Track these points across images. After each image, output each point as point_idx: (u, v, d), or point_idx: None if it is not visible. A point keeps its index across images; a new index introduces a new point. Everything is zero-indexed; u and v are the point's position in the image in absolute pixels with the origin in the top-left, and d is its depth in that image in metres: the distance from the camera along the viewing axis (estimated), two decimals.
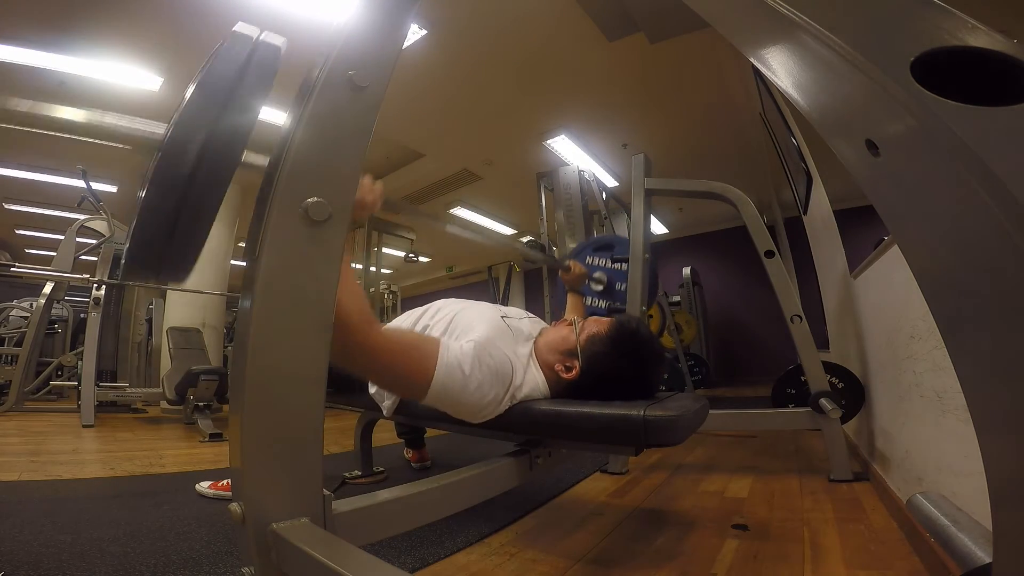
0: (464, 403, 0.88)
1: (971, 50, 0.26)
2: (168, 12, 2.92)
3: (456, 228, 1.16)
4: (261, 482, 0.55)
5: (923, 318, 1.10)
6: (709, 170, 4.30)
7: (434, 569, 1.02)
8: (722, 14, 0.39)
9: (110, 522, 1.23)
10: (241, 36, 0.65)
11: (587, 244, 2.78)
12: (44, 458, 2.07)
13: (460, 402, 0.88)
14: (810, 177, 2.54)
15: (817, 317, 2.98)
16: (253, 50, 0.64)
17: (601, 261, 2.55)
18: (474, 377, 0.86)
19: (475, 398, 0.88)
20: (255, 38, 0.65)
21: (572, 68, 3.70)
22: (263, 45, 0.65)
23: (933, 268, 0.27)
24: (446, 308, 1.16)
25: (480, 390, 0.88)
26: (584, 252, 2.65)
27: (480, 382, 0.87)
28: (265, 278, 0.57)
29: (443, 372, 0.84)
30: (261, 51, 0.65)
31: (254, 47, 0.65)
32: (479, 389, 0.87)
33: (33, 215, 5.82)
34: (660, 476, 1.77)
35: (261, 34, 0.66)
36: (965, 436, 0.88)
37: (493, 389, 0.90)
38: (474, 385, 0.87)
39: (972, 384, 0.26)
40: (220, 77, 0.62)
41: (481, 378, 0.87)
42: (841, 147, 0.31)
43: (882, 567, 0.97)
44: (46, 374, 4.14)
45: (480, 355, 0.89)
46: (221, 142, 0.60)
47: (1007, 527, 0.27)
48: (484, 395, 0.89)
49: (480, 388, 0.88)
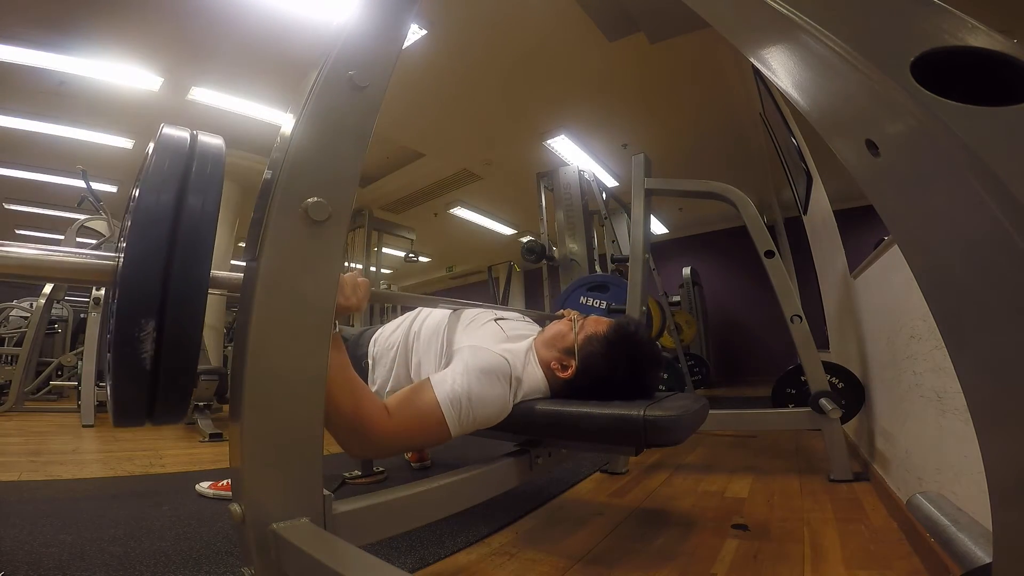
0: (485, 418, 0.90)
1: (971, 50, 0.26)
2: (168, 12, 2.92)
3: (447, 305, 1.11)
4: (261, 482, 0.55)
5: (923, 318, 1.10)
6: (709, 170, 4.30)
7: (434, 569, 1.02)
8: (722, 14, 0.39)
9: (110, 522, 1.23)
10: (174, 139, 0.57)
11: (581, 282, 2.77)
12: (44, 458, 2.07)
13: (481, 421, 0.89)
14: (810, 177, 2.54)
15: (817, 317, 2.99)
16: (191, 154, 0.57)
17: (595, 302, 2.55)
18: (476, 395, 0.87)
19: (490, 408, 0.89)
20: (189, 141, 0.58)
21: (572, 68, 3.70)
22: (202, 147, 0.58)
23: (933, 268, 0.27)
24: (437, 312, 1.16)
25: (490, 399, 0.89)
26: (578, 291, 2.65)
27: (482, 393, 0.88)
28: (265, 278, 0.57)
29: (454, 418, 0.85)
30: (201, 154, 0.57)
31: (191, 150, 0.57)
32: (489, 399, 0.89)
33: (33, 215, 5.82)
34: (660, 476, 1.77)
35: (196, 136, 0.59)
36: (965, 436, 0.88)
37: (499, 390, 0.91)
38: (480, 401, 0.87)
39: (972, 384, 0.26)
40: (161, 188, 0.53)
41: (482, 389, 0.88)
42: (841, 147, 0.31)
43: (882, 567, 0.97)
44: (46, 374, 4.14)
45: (471, 370, 0.89)
46: (183, 262, 0.52)
47: (1007, 527, 0.27)
48: (495, 400, 0.90)
49: (488, 398, 0.89)
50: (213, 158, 0.59)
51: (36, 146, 4.26)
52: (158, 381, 0.54)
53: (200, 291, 0.55)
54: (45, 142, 4.20)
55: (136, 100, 3.65)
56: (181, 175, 0.55)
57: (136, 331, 0.51)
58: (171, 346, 0.53)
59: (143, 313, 0.51)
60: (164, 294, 0.52)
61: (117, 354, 0.52)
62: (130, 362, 0.51)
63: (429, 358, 1.07)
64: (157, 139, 0.58)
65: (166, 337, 0.52)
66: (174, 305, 0.52)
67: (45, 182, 4.91)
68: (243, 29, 3.04)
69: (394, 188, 5.79)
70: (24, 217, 5.92)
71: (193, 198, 0.55)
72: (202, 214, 0.55)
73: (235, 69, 3.47)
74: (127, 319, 0.51)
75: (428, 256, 8.66)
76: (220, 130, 0.65)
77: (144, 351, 0.51)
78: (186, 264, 0.53)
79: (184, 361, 0.55)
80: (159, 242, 0.52)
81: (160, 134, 0.58)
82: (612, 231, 3.77)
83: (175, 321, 0.52)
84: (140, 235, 0.52)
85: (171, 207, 0.53)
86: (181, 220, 0.53)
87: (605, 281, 2.65)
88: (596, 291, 2.61)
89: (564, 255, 3.63)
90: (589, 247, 3.62)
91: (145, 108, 3.75)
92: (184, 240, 0.53)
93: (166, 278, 0.52)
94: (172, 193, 0.54)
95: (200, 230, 0.55)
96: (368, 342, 1.20)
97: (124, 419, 0.57)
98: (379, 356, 1.16)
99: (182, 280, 0.53)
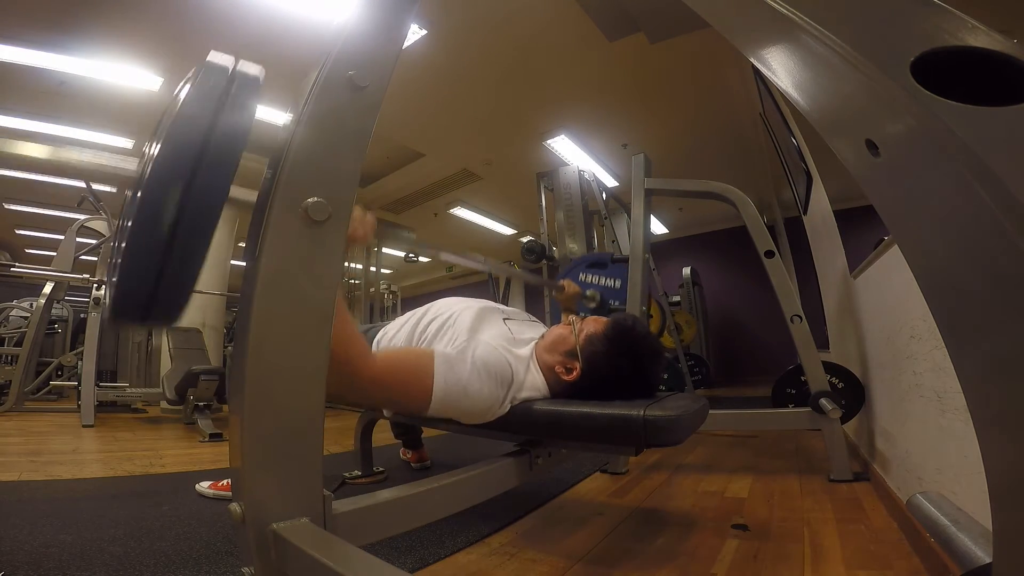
0: (466, 409, 0.89)
1: (971, 50, 0.26)
2: (168, 12, 2.92)
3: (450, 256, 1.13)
4: (261, 482, 0.55)
5: (923, 318, 1.10)
6: (709, 170, 4.30)
7: (434, 569, 1.02)
8: (722, 14, 0.40)
9: (110, 522, 1.23)
10: (216, 67, 0.59)
11: (580, 261, 2.79)
12: (44, 458, 2.07)
13: (462, 409, 0.88)
14: (810, 177, 2.54)
15: (817, 317, 2.98)
16: (231, 80, 0.60)
17: (594, 279, 2.56)
18: (473, 383, 0.87)
19: (477, 403, 0.88)
20: (231, 69, 0.60)
21: (572, 68, 3.70)
22: (240, 76, 0.60)
23: (933, 268, 0.27)
24: (445, 309, 1.16)
25: (480, 394, 0.88)
26: (577, 269, 2.66)
27: (479, 387, 0.88)
28: (265, 278, 0.57)
29: (441, 385, 0.84)
30: (239, 82, 0.60)
31: (232, 77, 0.60)
32: (479, 393, 0.88)
33: (33, 215, 5.83)
34: (660, 476, 1.77)
35: (238, 64, 0.61)
36: (965, 436, 0.88)
37: (493, 391, 0.90)
38: (474, 390, 0.87)
39: (972, 384, 0.26)
40: (199, 108, 0.57)
41: (480, 383, 0.88)
42: (841, 147, 0.31)
43: (882, 567, 0.97)
44: (46, 374, 4.14)
45: (476, 360, 0.89)
46: (205, 178, 0.55)
47: (1007, 527, 0.27)
48: (485, 399, 0.89)
49: (480, 393, 0.88)
50: (251, 83, 0.61)
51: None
52: (162, 278, 0.55)
53: (218, 199, 0.57)
54: (45, 142, 4.20)
55: (136, 100, 3.65)
56: (221, 93, 0.58)
57: (147, 244, 0.54)
58: (182, 244, 0.55)
59: (159, 222, 0.53)
60: (185, 195, 0.54)
61: (131, 239, 0.54)
62: (140, 255, 0.54)
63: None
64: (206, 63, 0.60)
65: (179, 236, 0.55)
66: (191, 210, 0.55)
67: (45, 182, 4.91)
68: (243, 29, 3.04)
69: (394, 188, 5.78)
70: (24, 217, 5.93)
71: (228, 117, 0.58)
72: (235, 132, 0.58)
73: None
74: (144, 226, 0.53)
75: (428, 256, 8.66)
76: None
77: (160, 232, 0.53)
78: (211, 173, 0.56)
79: (191, 262, 0.57)
80: (191, 150, 0.55)
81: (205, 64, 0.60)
82: (612, 231, 3.76)
83: (189, 224, 0.55)
84: (169, 153, 0.55)
85: (208, 120, 0.56)
86: (215, 132, 0.56)
87: (604, 259, 2.65)
88: (595, 268, 2.62)
89: (564, 255, 3.63)
90: (589, 247, 3.62)
91: (145, 108, 3.74)
92: (214, 150, 0.56)
93: (191, 179, 0.54)
94: (211, 110, 0.57)
95: (230, 146, 0.58)
96: (371, 342, 1.20)
97: (122, 312, 0.58)
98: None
99: (203, 187, 0.55)
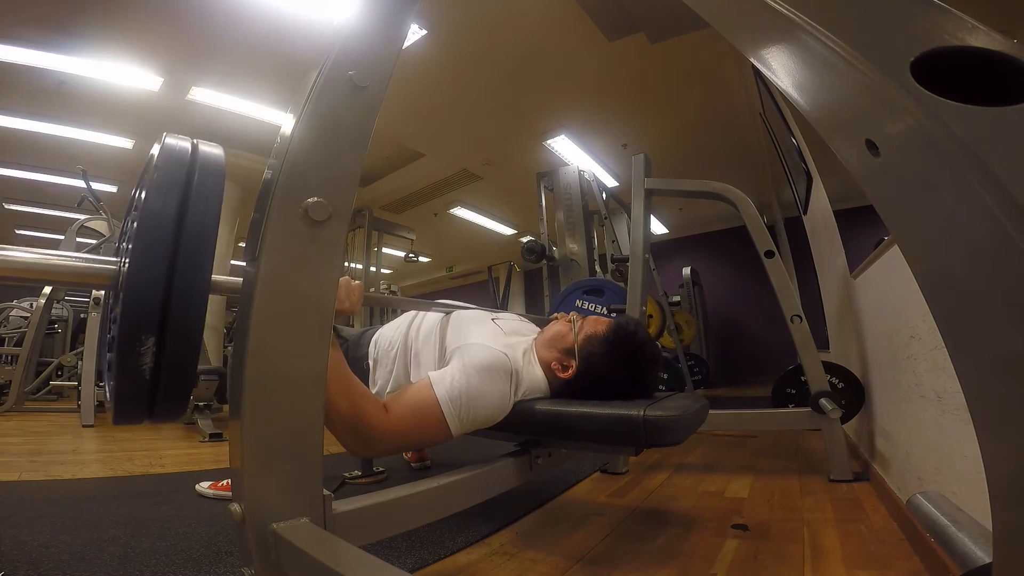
0: (485, 415, 0.90)
1: (971, 50, 0.26)
2: (168, 12, 2.92)
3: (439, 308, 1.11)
4: (261, 482, 0.55)
5: (923, 318, 1.10)
6: (709, 170, 4.30)
7: (434, 569, 1.02)
8: (722, 14, 0.39)
9: (110, 522, 1.23)
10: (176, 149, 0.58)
11: (578, 285, 2.81)
12: (44, 458, 2.07)
13: (482, 417, 0.89)
14: (810, 177, 2.54)
15: (817, 317, 2.98)
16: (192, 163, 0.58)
17: (591, 306, 2.58)
18: (474, 389, 0.87)
19: (488, 404, 0.89)
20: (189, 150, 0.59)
21: (572, 68, 3.70)
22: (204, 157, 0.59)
23: (933, 268, 0.27)
24: (429, 319, 1.15)
25: (488, 395, 0.89)
26: (574, 294, 2.67)
27: (482, 389, 0.88)
28: (265, 278, 0.57)
29: (448, 407, 0.84)
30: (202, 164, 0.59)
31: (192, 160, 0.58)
32: (486, 396, 0.89)
33: (33, 215, 5.82)
34: (660, 476, 1.77)
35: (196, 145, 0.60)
36: (965, 436, 0.88)
37: (498, 386, 0.91)
38: (479, 394, 0.87)
39: (972, 384, 0.26)
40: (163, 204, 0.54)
41: (482, 385, 0.88)
42: (841, 147, 0.30)
43: (882, 567, 0.97)
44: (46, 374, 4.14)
45: (468, 367, 0.89)
46: (186, 268, 0.53)
47: (1007, 527, 0.26)
48: (495, 396, 0.90)
49: (485, 394, 0.89)
50: (214, 169, 0.61)
51: (36, 146, 4.26)
52: (159, 382, 0.55)
53: (201, 295, 0.56)
54: (45, 142, 4.20)
55: (136, 100, 3.66)
56: (183, 185, 0.57)
57: (138, 333, 0.52)
58: (173, 346, 0.54)
59: (145, 317, 0.52)
60: (167, 297, 0.53)
61: (120, 355, 0.53)
62: (132, 363, 0.53)
63: (428, 359, 1.07)
64: (160, 149, 0.59)
65: (168, 338, 0.54)
66: (176, 307, 0.54)
67: (45, 182, 4.91)
68: (243, 29, 3.04)
69: (394, 188, 5.79)
70: (24, 217, 5.93)
71: (195, 207, 0.56)
72: (203, 223, 0.57)
73: (235, 69, 3.47)
74: (130, 323, 0.52)
75: (428, 256, 8.66)
76: (220, 130, 0.66)
77: (146, 351, 0.53)
78: (188, 268, 0.55)
79: (185, 362, 0.56)
80: (163, 249, 0.53)
81: (163, 143, 0.60)
82: (612, 231, 3.76)
83: (177, 323, 0.54)
84: (144, 242, 0.53)
85: (173, 218, 0.55)
86: (184, 228, 0.55)
87: (601, 286, 2.68)
88: (592, 294, 2.65)
89: (564, 255, 3.63)
90: (589, 247, 3.62)
91: (145, 108, 3.75)
92: (186, 247, 0.55)
93: (169, 280, 0.53)
94: (174, 204, 0.56)
95: (201, 238, 0.56)
96: (368, 343, 1.20)
97: (124, 418, 0.58)
98: (380, 358, 1.15)
99: (184, 284, 0.54)
